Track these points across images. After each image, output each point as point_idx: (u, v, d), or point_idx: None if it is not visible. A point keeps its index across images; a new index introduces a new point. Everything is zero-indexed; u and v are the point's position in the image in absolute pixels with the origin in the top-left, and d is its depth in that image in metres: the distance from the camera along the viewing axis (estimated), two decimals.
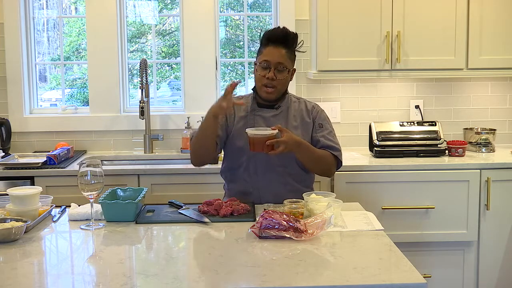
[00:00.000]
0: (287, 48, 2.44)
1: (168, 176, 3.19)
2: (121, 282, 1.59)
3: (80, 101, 4.12)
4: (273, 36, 2.44)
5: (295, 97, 2.60)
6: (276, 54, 2.41)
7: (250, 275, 1.65)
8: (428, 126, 3.51)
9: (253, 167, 2.46)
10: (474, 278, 3.29)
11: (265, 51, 2.44)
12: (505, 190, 3.23)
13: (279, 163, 2.44)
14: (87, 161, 2.12)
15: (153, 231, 2.10)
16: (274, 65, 2.41)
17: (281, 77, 2.43)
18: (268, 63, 2.42)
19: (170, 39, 4.17)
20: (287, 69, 2.44)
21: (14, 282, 1.60)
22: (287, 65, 2.43)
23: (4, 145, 3.55)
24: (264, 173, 2.45)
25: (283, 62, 2.42)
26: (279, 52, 2.42)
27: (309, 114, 2.52)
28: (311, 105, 2.56)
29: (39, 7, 3.96)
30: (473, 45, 3.45)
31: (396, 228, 3.08)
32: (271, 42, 2.44)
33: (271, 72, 2.41)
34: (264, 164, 2.44)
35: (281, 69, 2.42)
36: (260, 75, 2.44)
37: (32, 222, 2.08)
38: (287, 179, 2.47)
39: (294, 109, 2.52)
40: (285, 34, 2.45)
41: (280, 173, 2.46)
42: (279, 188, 2.45)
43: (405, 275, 1.64)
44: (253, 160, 2.44)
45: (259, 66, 2.44)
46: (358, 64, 3.45)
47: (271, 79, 2.41)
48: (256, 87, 2.51)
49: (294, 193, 2.39)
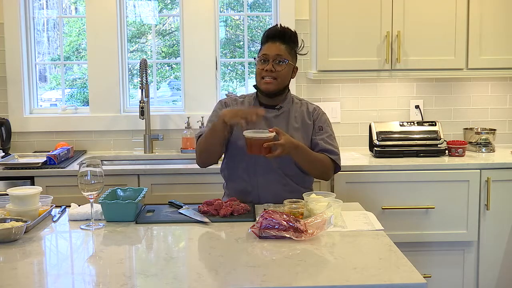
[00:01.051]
0: (286, 44, 2.47)
1: (168, 176, 3.19)
2: (121, 282, 1.59)
3: (80, 101, 4.12)
4: (271, 32, 2.49)
5: (297, 98, 2.60)
6: (274, 48, 2.45)
7: (250, 275, 1.65)
8: (428, 126, 3.51)
9: (252, 166, 2.46)
10: (474, 278, 3.29)
11: (264, 47, 2.48)
12: (505, 190, 3.23)
13: (278, 164, 2.44)
14: (87, 161, 2.12)
15: (153, 231, 2.10)
16: (272, 58, 2.43)
17: (280, 68, 2.44)
18: (267, 57, 2.44)
19: (170, 39, 4.17)
20: (286, 61, 2.44)
21: (14, 282, 1.60)
22: (286, 57, 2.45)
23: (4, 145, 3.55)
24: (264, 173, 2.45)
25: (281, 54, 2.44)
26: (277, 46, 2.45)
27: (310, 117, 2.53)
28: (312, 107, 2.56)
29: (39, 7, 3.96)
30: (473, 45, 3.45)
31: (396, 228, 3.08)
32: (269, 38, 2.48)
33: (269, 65, 2.43)
34: (263, 164, 2.44)
35: (280, 60, 2.44)
36: (259, 69, 2.46)
37: (32, 222, 2.08)
38: (287, 179, 2.47)
39: (295, 110, 2.53)
40: (283, 30, 2.48)
41: (279, 173, 2.46)
42: (278, 188, 2.45)
43: (405, 275, 1.64)
44: (252, 160, 2.44)
45: (258, 61, 2.47)
46: (358, 64, 3.45)
47: (269, 70, 2.43)
48: (256, 83, 2.52)
49: (293, 194, 2.40)
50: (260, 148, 2.25)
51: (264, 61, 2.45)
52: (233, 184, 2.54)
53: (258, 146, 2.25)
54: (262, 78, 2.45)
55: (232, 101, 2.59)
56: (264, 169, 2.45)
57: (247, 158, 2.45)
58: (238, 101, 2.59)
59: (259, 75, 2.47)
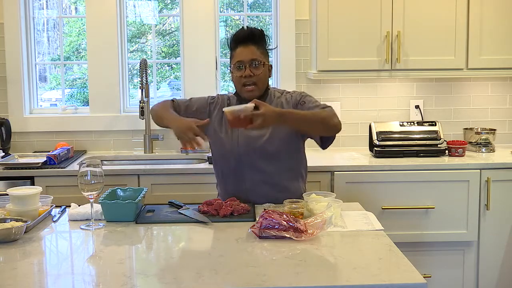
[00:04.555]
0: (257, 45, 2.43)
1: (168, 176, 3.19)
2: (121, 282, 1.59)
3: (80, 101, 4.12)
4: (240, 36, 2.44)
5: (278, 91, 2.56)
6: (247, 52, 2.41)
7: (250, 275, 1.65)
8: (428, 126, 3.51)
9: (240, 170, 2.45)
10: (474, 278, 3.29)
11: (236, 53, 2.43)
12: (505, 190, 3.23)
13: (266, 165, 2.42)
14: (87, 161, 2.12)
15: (153, 231, 2.10)
16: (248, 63, 2.40)
17: (258, 72, 2.41)
18: (242, 63, 2.41)
19: (170, 39, 4.17)
20: (262, 63, 2.42)
21: (14, 282, 1.60)
22: (261, 60, 2.42)
23: (4, 145, 3.55)
24: (251, 176, 2.44)
25: (256, 57, 2.41)
26: (249, 49, 2.41)
27: (289, 102, 2.48)
28: (290, 94, 2.52)
29: (39, 7, 3.96)
30: (473, 45, 3.45)
31: (396, 228, 3.08)
32: (239, 43, 2.43)
33: (247, 70, 2.40)
34: (250, 168, 2.43)
35: (256, 64, 2.41)
36: (237, 77, 2.42)
37: (32, 222, 2.08)
38: (276, 180, 2.45)
39: (276, 104, 2.48)
40: (250, 32, 2.44)
41: (268, 174, 2.43)
42: (267, 190, 2.43)
43: (405, 275, 1.64)
44: (240, 164, 2.44)
45: (234, 68, 2.43)
46: (358, 64, 3.45)
47: (248, 76, 2.40)
48: (237, 90, 2.50)
49: (283, 194, 2.36)
50: (240, 120, 2.16)
51: (240, 67, 2.41)
52: (223, 187, 2.55)
53: (238, 119, 2.16)
54: (244, 85, 2.42)
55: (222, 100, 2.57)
56: (252, 172, 2.43)
57: (234, 162, 2.44)
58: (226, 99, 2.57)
59: (238, 82, 2.43)
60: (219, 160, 2.52)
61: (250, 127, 2.16)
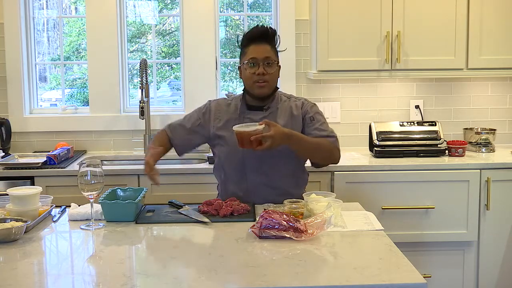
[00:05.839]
0: (270, 44, 2.44)
1: (168, 176, 3.18)
2: (121, 282, 1.59)
3: (80, 101, 4.12)
4: (254, 34, 2.44)
5: (285, 95, 2.57)
6: (261, 50, 2.41)
7: (250, 275, 1.65)
8: (428, 126, 3.51)
9: (241, 171, 2.45)
10: (474, 278, 3.29)
11: (249, 50, 2.43)
12: (505, 190, 3.23)
13: (268, 166, 2.43)
14: (87, 161, 2.12)
15: (153, 231, 2.10)
16: (262, 61, 2.40)
17: (271, 70, 2.42)
18: (256, 60, 2.41)
19: (170, 39, 4.17)
20: (275, 62, 2.44)
21: (14, 282, 1.60)
22: (273, 58, 2.43)
23: (4, 145, 3.55)
24: (254, 177, 2.44)
25: (270, 56, 2.42)
26: (263, 48, 2.42)
27: (299, 110, 2.49)
28: (300, 101, 2.53)
29: (39, 7, 3.96)
30: (473, 45, 3.45)
31: (396, 228, 3.08)
32: (253, 41, 2.43)
33: (261, 68, 2.40)
34: (252, 169, 2.43)
35: (269, 63, 2.42)
36: (249, 73, 2.42)
37: (32, 222, 2.08)
38: (277, 183, 2.45)
39: (282, 108, 2.50)
40: (265, 30, 2.44)
41: (269, 176, 2.44)
42: (268, 192, 2.43)
43: (405, 275, 1.64)
44: (242, 164, 2.44)
45: (247, 65, 2.42)
46: (358, 64, 3.45)
47: (261, 74, 2.40)
48: (246, 87, 2.49)
49: (283, 197, 2.35)
50: (250, 141, 2.21)
51: (253, 64, 2.41)
52: (224, 187, 2.55)
53: (248, 139, 2.21)
54: (255, 82, 2.42)
55: (217, 105, 2.56)
56: (254, 173, 2.43)
57: (236, 162, 2.45)
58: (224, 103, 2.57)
59: (250, 79, 2.43)
60: (223, 161, 2.51)
61: (259, 148, 2.22)
